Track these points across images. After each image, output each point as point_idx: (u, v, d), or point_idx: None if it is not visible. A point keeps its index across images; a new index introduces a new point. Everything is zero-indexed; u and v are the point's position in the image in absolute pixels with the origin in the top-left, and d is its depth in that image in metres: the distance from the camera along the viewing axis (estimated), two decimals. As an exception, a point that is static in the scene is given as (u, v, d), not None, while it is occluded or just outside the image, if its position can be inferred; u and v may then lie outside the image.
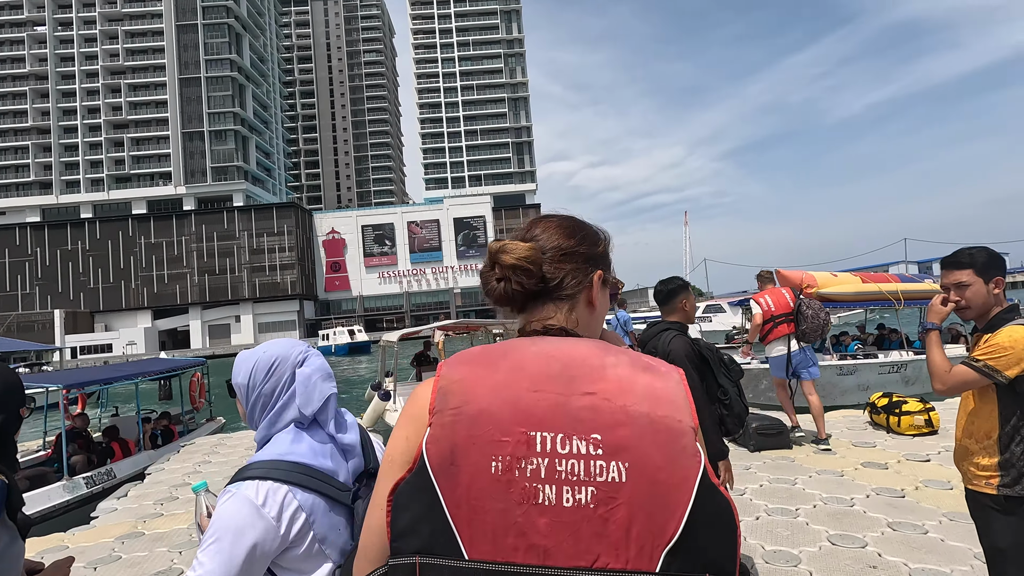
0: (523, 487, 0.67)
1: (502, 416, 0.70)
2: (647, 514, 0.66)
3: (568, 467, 0.67)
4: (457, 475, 0.68)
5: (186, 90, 79.45)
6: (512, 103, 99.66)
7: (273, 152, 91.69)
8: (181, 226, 76.91)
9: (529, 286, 0.84)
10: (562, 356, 0.75)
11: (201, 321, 76.32)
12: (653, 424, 0.68)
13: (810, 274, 10.20)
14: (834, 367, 9.37)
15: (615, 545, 0.66)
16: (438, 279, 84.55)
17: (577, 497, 0.67)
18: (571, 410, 0.70)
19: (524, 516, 0.67)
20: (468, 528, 0.67)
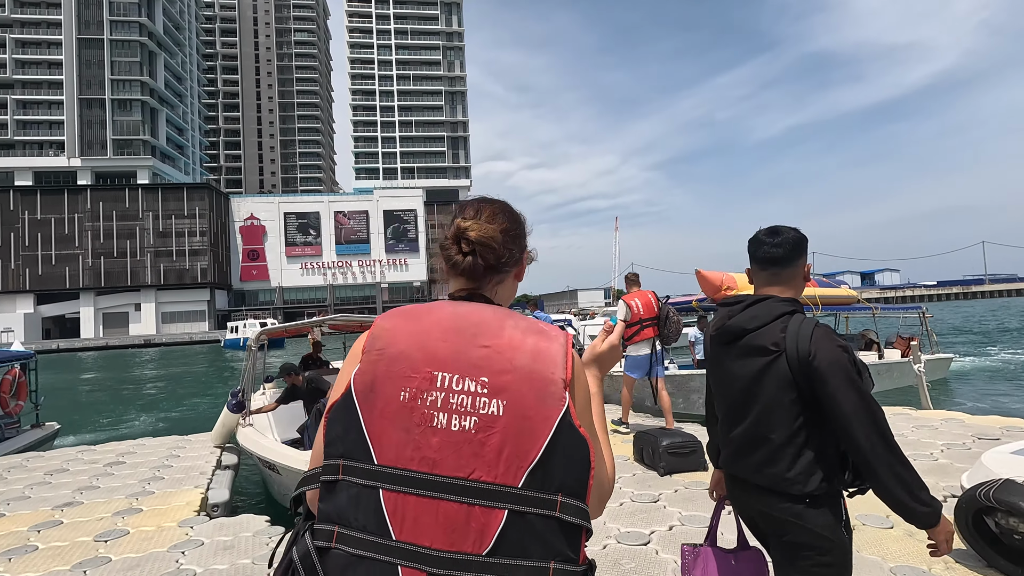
0: (422, 413, 0.88)
1: (414, 358, 0.91)
2: (516, 441, 0.86)
3: (459, 401, 0.88)
4: (374, 400, 0.90)
5: (86, 52, 71.69)
6: (449, 96, 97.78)
7: (187, 128, 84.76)
8: (74, 202, 69.22)
9: (491, 261, 1.02)
10: (472, 316, 0.95)
11: (94, 308, 69.06)
12: (531, 374, 0.88)
13: (731, 275, 9.72)
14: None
15: (488, 463, 0.86)
16: (365, 273, 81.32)
17: (463, 424, 0.87)
18: (469, 357, 0.90)
19: (421, 435, 0.87)
20: (378, 441, 0.88)
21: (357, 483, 0.88)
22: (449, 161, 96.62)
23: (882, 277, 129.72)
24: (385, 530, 0.85)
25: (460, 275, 1.05)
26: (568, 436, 0.87)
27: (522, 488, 0.86)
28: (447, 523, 0.85)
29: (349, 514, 0.87)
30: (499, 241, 1.03)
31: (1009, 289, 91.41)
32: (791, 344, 1.49)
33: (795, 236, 1.68)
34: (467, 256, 1.03)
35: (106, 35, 71.61)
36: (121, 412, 14.43)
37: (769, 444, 1.53)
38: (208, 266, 71.20)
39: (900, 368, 10.92)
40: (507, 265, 1.06)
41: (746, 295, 1.72)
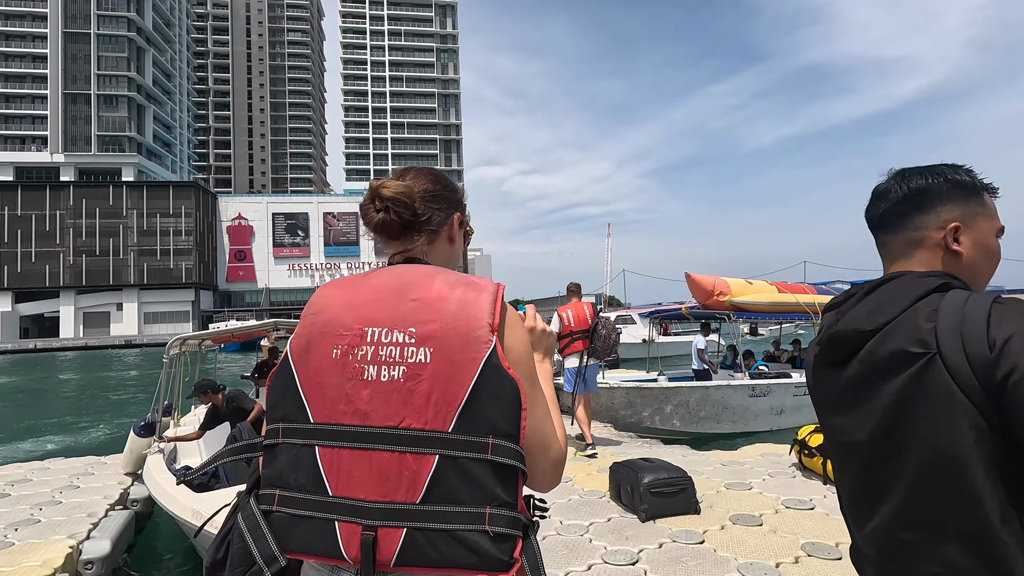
0: (353, 367, 0.89)
1: (346, 318, 0.92)
2: (444, 386, 0.86)
3: (388, 352, 0.89)
4: (308, 362, 0.92)
5: (72, 46, 70.24)
6: (442, 99, 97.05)
7: (175, 126, 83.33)
8: (56, 198, 67.56)
9: (405, 216, 1.03)
10: (405, 274, 0.97)
11: (74, 307, 67.36)
12: (456, 320, 0.88)
13: (723, 280, 8.94)
14: (746, 388, 8.08)
15: (418, 410, 0.86)
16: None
17: (392, 374, 0.87)
18: (397, 311, 0.91)
19: (352, 389, 0.88)
20: (313, 400, 0.90)
21: (295, 443, 0.89)
22: (441, 164, 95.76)
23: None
24: (322, 487, 0.86)
25: (377, 233, 1.06)
26: (495, 377, 0.86)
27: (452, 432, 0.85)
28: (380, 474, 0.85)
29: (289, 475, 0.89)
30: (414, 198, 1.03)
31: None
32: (949, 337, 0.79)
33: (949, 175, 0.97)
34: (380, 212, 1.03)
35: (93, 29, 70.22)
36: (64, 420, 13.35)
37: (948, 538, 0.78)
38: (193, 266, 69.75)
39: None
40: (428, 224, 1.05)
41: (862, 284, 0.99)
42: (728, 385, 7.84)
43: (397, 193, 1.02)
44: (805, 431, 4.38)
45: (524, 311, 1.12)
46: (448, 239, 1.11)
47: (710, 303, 8.86)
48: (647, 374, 10.12)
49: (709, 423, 7.95)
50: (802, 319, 9.33)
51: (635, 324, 23.60)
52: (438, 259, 1.08)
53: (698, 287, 8.80)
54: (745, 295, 8.94)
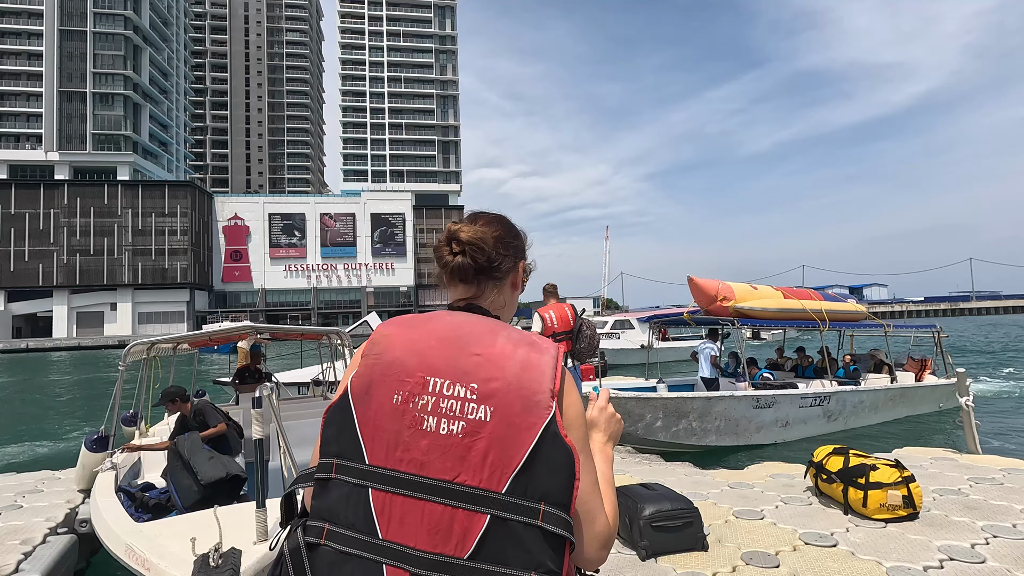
0: (413, 416, 0.91)
1: (409, 363, 0.94)
2: (501, 446, 0.87)
3: (448, 405, 0.90)
4: (369, 403, 0.93)
5: (67, 44, 69.79)
6: (441, 100, 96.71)
7: (171, 125, 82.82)
8: (50, 197, 67.05)
9: (481, 261, 1.07)
10: (466, 326, 0.98)
11: (68, 307, 66.77)
12: (520, 382, 0.90)
13: (727, 285, 8.53)
14: (750, 398, 7.66)
15: (474, 467, 0.87)
16: (350, 276, 79.61)
17: (451, 428, 0.89)
18: (460, 364, 0.92)
19: (410, 437, 0.90)
20: (370, 442, 0.92)
21: (349, 482, 0.91)
22: (439, 165, 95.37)
23: (870, 292, 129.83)
24: (372, 529, 0.88)
25: (450, 276, 1.10)
26: (552, 444, 0.88)
27: (505, 494, 0.86)
28: (431, 524, 0.87)
29: (340, 512, 0.90)
30: (490, 244, 1.08)
31: (996, 306, 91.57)
32: None
33: None
34: (456, 255, 1.07)
35: (89, 27, 69.78)
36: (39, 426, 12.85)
37: None
38: (188, 266, 69.23)
39: (916, 394, 9.75)
40: (499, 270, 1.09)
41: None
42: (732, 396, 7.42)
43: (474, 238, 1.07)
44: (822, 452, 3.95)
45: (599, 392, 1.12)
46: (512, 285, 1.15)
47: (713, 309, 8.45)
48: (646, 381, 9.69)
49: (711, 436, 7.52)
50: (808, 327, 8.92)
51: (633, 329, 23.19)
52: (501, 307, 1.12)
53: (701, 292, 8.39)
54: (750, 301, 8.53)
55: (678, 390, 9.80)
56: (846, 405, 8.64)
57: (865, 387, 8.97)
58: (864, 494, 3.36)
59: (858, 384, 8.98)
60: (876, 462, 3.50)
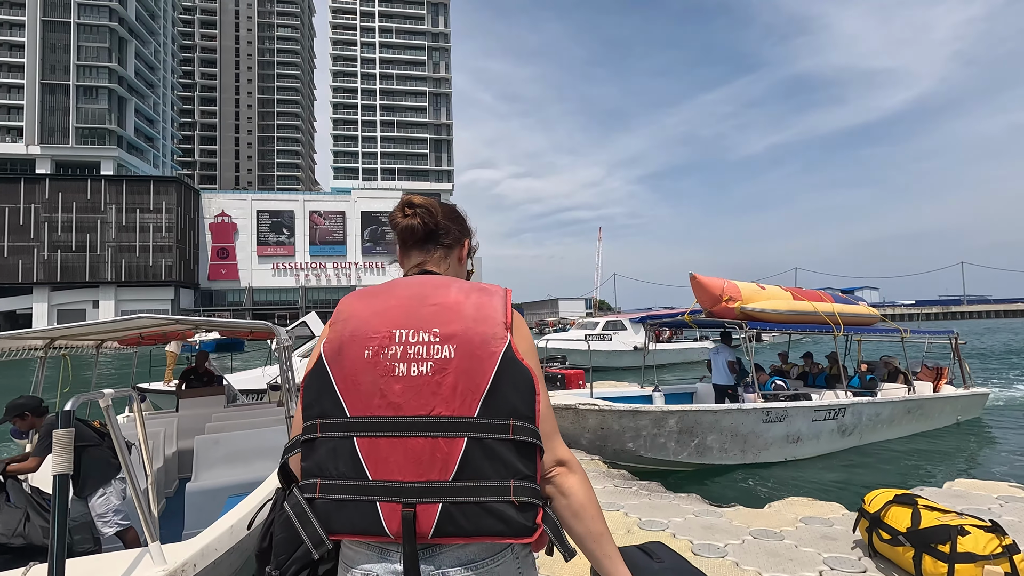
0: (385, 365, 1.02)
1: (374, 322, 1.06)
2: (468, 377, 1.00)
3: (415, 351, 1.02)
4: (342, 362, 1.04)
5: (51, 35, 68.08)
6: (433, 98, 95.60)
7: (158, 120, 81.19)
8: (31, 191, 65.29)
9: (430, 224, 1.22)
10: (423, 283, 1.14)
11: (48, 304, 65.06)
12: (476, 320, 1.04)
13: (733, 284, 7.66)
14: (759, 412, 6.80)
15: (446, 399, 0.99)
16: (340, 275, 78.29)
17: (421, 369, 1.01)
18: (421, 314, 1.06)
19: (385, 384, 1.01)
20: (348, 396, 1.02)
21: (334, 436, 1.01)
22: (431, 164, 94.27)
23: (862, 295, 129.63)
24: (362, 472, 0.98)
25: (402, 237, 1.23)
26: (512, 367, 1.01)
27: (477, 417, 0.98)
28: (415, 457, 0.97)
29: (329, 465, 1.00)
30: (438, 211, 1.23)
31: (988, 310, 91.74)
32: None
33: None
34: (407, 217, 1.22)
35: (73, 18, 68.12)
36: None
37: None
38: (174, 263, 67.73)
39: (934, 405, 8.95)
40: (447, 236, 1.24)
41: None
42: (740, 409, 6.56)
43: (426, 203, 1.23)
44: (879, 500, 2.99)
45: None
46: (458, 259, 1.28)
47: (717, 310, 7.59)
48: (641, 388, 8.82)
49: (716, 453, 6.67)
50: (820, 331, 8.09)
51: (626, 330, 22.32)
52: (448, 273, 1.24)
53: (704, 291, 7.53)
54: (757, 302, 7.68)
55: (676, 399, 8.94)
56: (862, 418, 7.82)
57: (882, 398, 8.15)
58: (949, 568, 2.45)
59: (875, 395, 8.15)
60: (964, 523, 2.55)
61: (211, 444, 4.96)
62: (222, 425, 5.85)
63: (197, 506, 4.32)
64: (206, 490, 4.38)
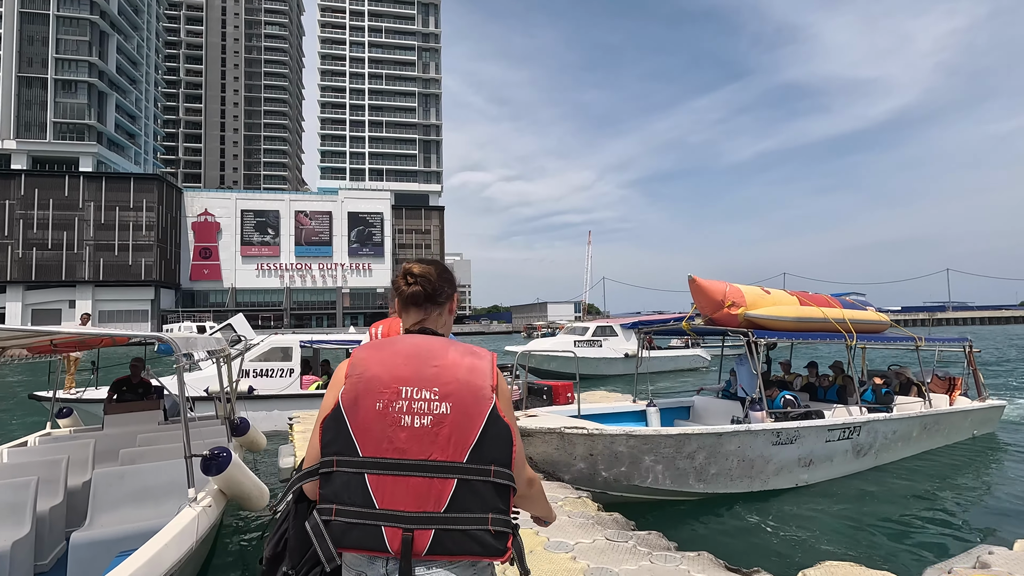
0: (392, 417, 1.28)
1: (384, 377, 1.31)
2: (460, 431, 1.27)
3: (419, 406, 1.28)
4: (357, 411, 1.29)
5: (29, 27, 66.25)
6: (423, 98, 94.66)
7: (140, 116, 79.40)
8: (6, 187, 63.47)
9: (428, 290, 1.47)
10: (424, 344, 1.38)
11: (22, 304, 63.15)
12: (468, 382, 1.31)
13: (736, 287, 6.87)
14: (768, 433, 6.00)
15: (441, 447, 1.27)
16: (325, 276, 76.97)
17: (422, 422, 1.28)
18: (424, 374, 1.31)
19: (392, 432, 1.28)
20: (361, 439, 1.28)
21: (348, 471, 1.26)
22: (420, 165, 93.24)
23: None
24: (371, 502, 1.24)
25: (405, 302, 1.48)
26: (495, 424, 1.29)
27: (466, 463, 1.26)
28: (415, 492, 1.24)
29: (343, 495, 1.25)
30: (434, 277, 1.48)
31: (972, 317, 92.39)
32: None
33: None
34: (411, 285, 1.47)
35: (52, 10, 66.34)
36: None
37: None
38: (154, 263, 66.07)
39: (950, 421, 8.22)
40: (441, 297, 1.49)
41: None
42: (748, 431, 5.75)
43: (423, 272, 1.48)
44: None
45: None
46: (449, 311, 1.54)
47: (719, 316, 6.80)
48: (634, 402, 8.00)
49: (721, 480, 5.85)
50: (831, 340, 7.33)
51: (616, 336, 21.50)
52: (444, 326, 1.52)
53: (704, 295, 6.73)
54: (763, 307, 6.90)
55: (671, 414, 8.14)
56: (878, 436, 7.05)
57: (898, 414, 7.39)
58: None
59: (890, 410, 7.40)
60: None
61: (114, 480, 4.04)
62: (145, 451, 4.91)
63: (82, 564, 3.41)
64: (95, 542, 3.47)
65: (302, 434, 7.55)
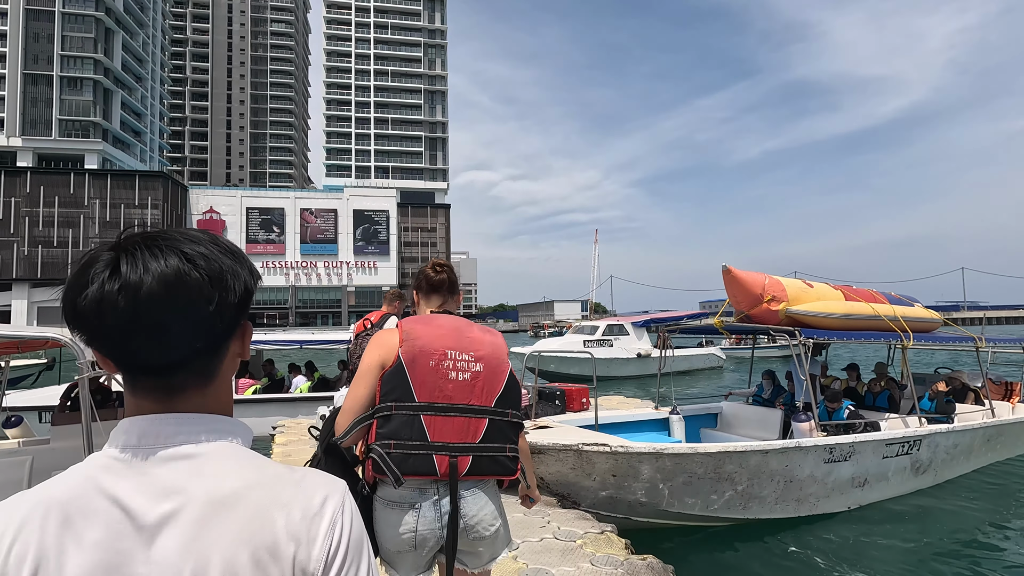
0: (442, 372, 1.70)
1: (435, 344, 1.73)
2: (490, 384, 1.75)
3: (461, 365, 1.73)
4: (415, 367, 1.69)
5: (34, 24, 66.01)
6: (429, 96, 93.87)
7: (146, 113, 79.13)
8: (12, 184, 63.24)
9: (452, 278, 1.97)
10: (456, 322, 1.84)
11: (28, 301, 62.91)
12: (495, 350, 1.81)
13: (776, 280, 5.98)
14: (820, 449, 5.12)
15: (477, 395, 1.72)
16: (331, 275, 76.39)
17: (464, 377, 1.72)
18: (462, 343, 1.76)
19: (442, 383, 1.69)
20: (418, 389, 1.67)
21: (406, 413, 1.65)
22: (426, 162, 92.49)
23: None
24: (424, 437, 1.63)
25: (433, 288, 1.96)
26: (512, 381, 1.80)
27: (494, 407, 1.74)
28: (458, 428, 1.68)
29: (402, 432, 1.63)
30: (454, 271, 2.01)
31: (988, 317, 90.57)
32: None
33: None
34: (439, 274, 1.96)
35: (58, 7, 66.07)
36: None
37: None
38: (159, 261, 65.67)
39: (1014, 431, 7.29)
40: (456, 288, 2.00)
41: None
42: (798, 447, 4.88)
43: (448, 264, 2.00)
44: None
45: None
46: (456, 302, 2.00)
47: (757, 313, 5.92)
48: (655, 409, 7.14)
49: (764, 505, 4.99)
50: (883, 339, 6.44)
51: (628, 335, 20.54)
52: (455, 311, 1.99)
53: (740, 289, 5.86)
54: (806, 303, 6.02)
55: (697, 422, 7.27)
56: (938, 451, 6.15)
57: (960, 425, 6.48)
58: None
59: (951, 420, 6.49)
60: None
61: None
62: None
63: None
64: None
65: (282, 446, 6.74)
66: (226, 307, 0.67)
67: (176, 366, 0.66)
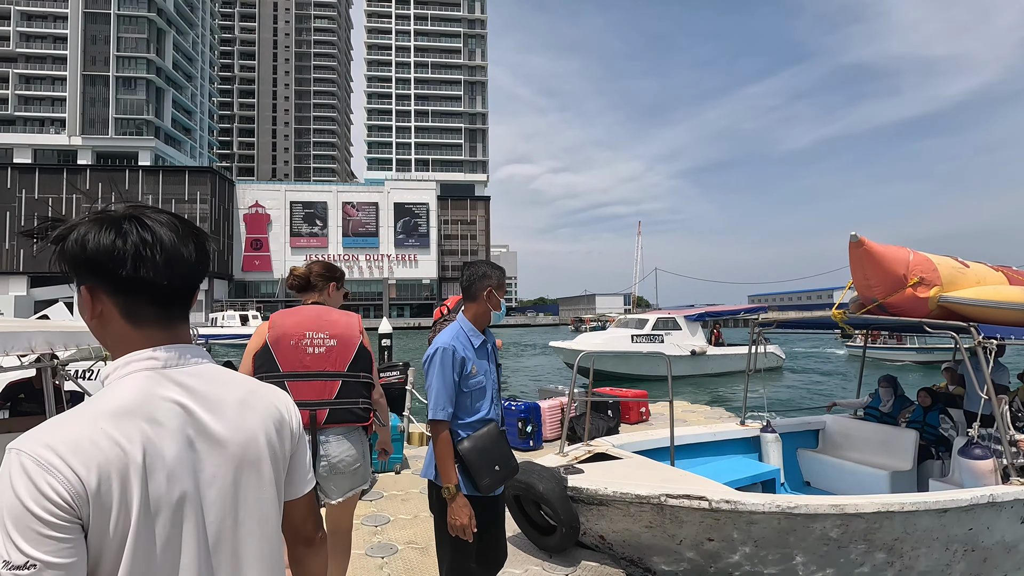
0: (302, 348, 2.37)
1: (295, 329, 2.39)
2: (342, 354, 2.41)
3: (318, 341, 2.39)
4: (278, 346, 2.36)
5: (92, 26, 68.52)
6: (468, 87, 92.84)
7: (195, 111, 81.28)
8: (73, 182, 65.87)
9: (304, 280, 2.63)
10: (319, 310, 2.49)
11: (88, 293, 65.54)
12: (347, 329, 2.45)
13: (924, 256, 4.24)
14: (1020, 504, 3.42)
15: (332, 364, 2.39)
16: (372, 267, 76.70)
17: (319, 351, 2.38)
18: (320, 325, 2.41)
19: (301, 356, 2.36)
20: (282, 362, 2.35)
21: (273, 380, 2.04)
22: (466, 154, 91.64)
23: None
24: None
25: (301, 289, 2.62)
26: (362, 351, 2.43)
27: (346, 371, 2.36)
28: (316, 389, 2.29)
29: None
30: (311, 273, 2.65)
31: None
32: None
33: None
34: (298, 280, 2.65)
35: (113, 9, 68.33)
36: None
37: None
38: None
39: None
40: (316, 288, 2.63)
41: None
42: (991, 502, 3.24)
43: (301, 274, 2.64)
44: None
45: None
46: (328, 294, 2.61)
47: (897, 300, 4.24)
48: (742, 424, 5.53)
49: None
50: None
51: (680, 330, 18.68)
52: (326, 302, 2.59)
53: (877, 267, 4.20)
54: (965, 289, 4.30)
55: (792, 441, 5.62)
56: None
57: None
58: None
59: None
60: None
61: None
62: None
63: None
64: None
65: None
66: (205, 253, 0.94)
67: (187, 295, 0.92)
